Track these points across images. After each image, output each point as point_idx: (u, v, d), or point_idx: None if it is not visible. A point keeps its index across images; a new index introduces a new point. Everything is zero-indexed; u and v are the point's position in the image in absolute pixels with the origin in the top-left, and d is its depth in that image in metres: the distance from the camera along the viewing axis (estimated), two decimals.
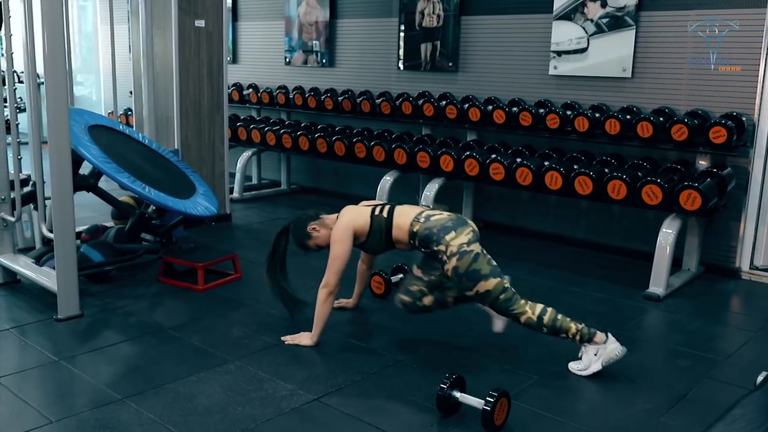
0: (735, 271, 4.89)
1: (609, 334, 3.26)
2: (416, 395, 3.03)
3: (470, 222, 3.39)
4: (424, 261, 3.51)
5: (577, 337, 3.23)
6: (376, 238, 3.47)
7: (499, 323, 3.55)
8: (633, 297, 4.41)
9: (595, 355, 3.22)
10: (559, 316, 3.23)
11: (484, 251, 3.29)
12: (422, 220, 3.36)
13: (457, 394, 2.84)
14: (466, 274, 3.23)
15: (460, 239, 3.25)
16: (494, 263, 3.29)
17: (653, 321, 4.15)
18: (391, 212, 3.47)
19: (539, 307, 3.25)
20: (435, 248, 3.28)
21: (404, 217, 3.42)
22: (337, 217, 3.53)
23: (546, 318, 3.22)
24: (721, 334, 4.03)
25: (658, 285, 4.42)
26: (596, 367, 3.22)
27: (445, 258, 3.25)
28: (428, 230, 3.30)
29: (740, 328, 4.04)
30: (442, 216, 3.36)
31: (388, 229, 3.44)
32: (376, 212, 3.48)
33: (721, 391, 3.18)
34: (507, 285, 3.26)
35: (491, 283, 3.23)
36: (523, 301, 3.26)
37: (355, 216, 3.48)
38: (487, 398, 2.71)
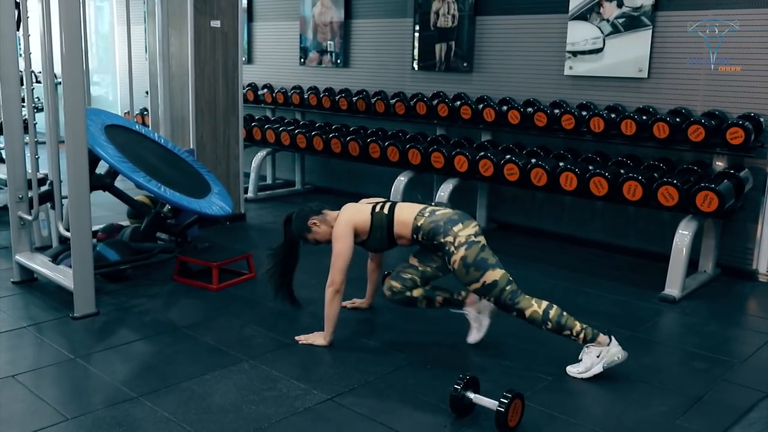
0: (752, 273, 4.84)
1: (612, 337, 3.24)
2: (430, 396, 3.02)
3: (474, 218, 3.46)
4: (421, 251, 3.52)
5: (581, 336, 3.21)
6: (377, 235, 3.48)
7: (474, 334, 3.56)
8: (648, 299, 4.38)
9: (598, 357, 3.20)
10: (565, 313, 3.24)
11: (488, 246, 3.34)
12: (427, 214, 3.40)
13: (471, 395, 2.83)
14: (474, 263, 3.24)
15: (468, 231, 3.30)
16: (497, 258, 3.32)
17: (669, 323, 4.12)
18: (392, 209, 3.49)
19: (545, 302, 3.26)
20: (442, 240, 3.31)
21: (407, 212, 3.45)
22: (338, 214, 3.54)
23: (552, 313, 3.22)
24: (737, 336, 3.99)
25: (673, 287, 4.39)
26: (598, 368, 3.19)
27: (453, 249, 3.27)
28: (434, 223, 3.35)
29: (757, 331, 4.00)
30: (447, 210, 3.42)
31: (389, 225, 3.46)
32: (377, 209, 3.50)
33: (737, 395, 3.16)
34: (511, 279, 3.28)
35: (498, 273, 3.25)
36: (527, 296, 3.26)
37: (355, 213, 3.50)
38: (501, 399, 2.70)
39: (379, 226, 3.46)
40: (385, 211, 3.48)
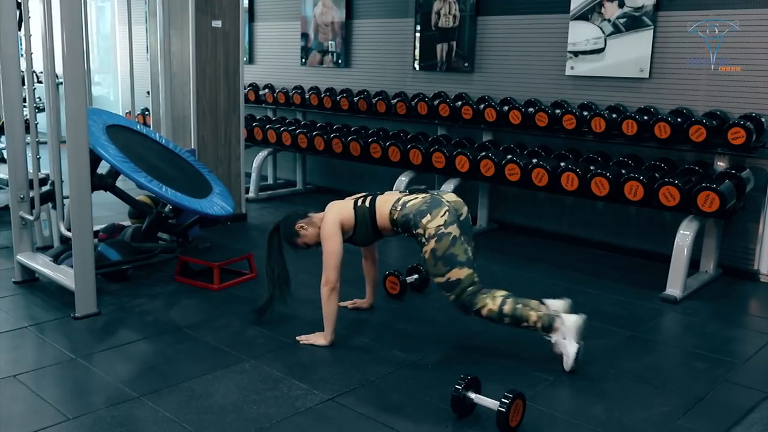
0: (753, 274, 4.84)
1: (560, 313, 3.26)
2: (431, 396, 3.02)
3: (446, 200, 3.40)
4: None
5: (539, 325, 3.25)
6: (362, 229, 3.51)
7: (566, 361, 3.28)
8: (650, 299, 4.37)
9: (564, 338, 3.22)
10: (519, 305, 3.27)
11: (462, 237, 3.31)
12: (399, 207, 3.42)
13: (472, 396, 2.83)
14: (443, 258, 3.26)
15: (436, 221, 3.29)
16: (470, 254, 3.32)
17: (670, 323, 4.12)
18: (372, 201, 3.52)
19: (500, 296, 3.30)
20: (414, 232, 3.35)
21: (385, 204, 3.49)
22: (324, 214, 3.56)
23: (507, 308, 3.26)
24: (738, 336, 3.99)
25: (675, 287, 4.39)
26: (573, 348, 3.19)
27: (424, 240, 3.31)
28: (405, 216, 3.38)
29: (758, 331, 4.00)
30: (416, 200, 3.41)
31: (372, 218, 3.49)
32: (359, 203, 3.53)
33: (738, 395, 3.16)
34: (476, 279, 3.31)
35: (464, 272, 3.27)
36: (485, 293, 3.31)
37: (340, 210, 3.53)
38: (503, 400, 2.70)
39: (362, 220, 3.50)
40: (367, 204, 3.52)
